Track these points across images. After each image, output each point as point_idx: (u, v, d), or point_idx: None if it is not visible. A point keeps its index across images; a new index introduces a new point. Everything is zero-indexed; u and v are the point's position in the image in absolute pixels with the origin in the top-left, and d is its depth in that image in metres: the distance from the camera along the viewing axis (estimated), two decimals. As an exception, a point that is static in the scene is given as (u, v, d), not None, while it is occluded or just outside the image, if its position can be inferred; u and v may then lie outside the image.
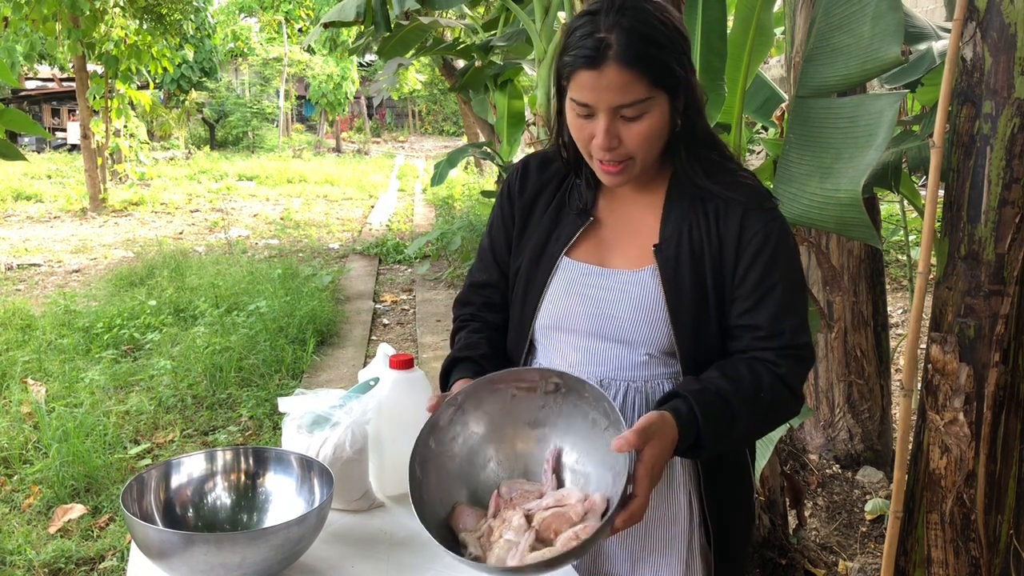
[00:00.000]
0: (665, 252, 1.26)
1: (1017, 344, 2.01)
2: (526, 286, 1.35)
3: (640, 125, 1.18)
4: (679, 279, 1.25)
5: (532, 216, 1.38)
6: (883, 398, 3.57)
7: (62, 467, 3.50)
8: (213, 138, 23.37)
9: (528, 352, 1.38)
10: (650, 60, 1.14)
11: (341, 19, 4.00)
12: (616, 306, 1.27)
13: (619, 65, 1.14)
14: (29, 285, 7.43)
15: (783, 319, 1.24)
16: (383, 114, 32.31)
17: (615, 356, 1.29)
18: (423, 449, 1.18)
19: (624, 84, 1.15)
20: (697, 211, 1.26)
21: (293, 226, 10.75)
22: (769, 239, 1.23)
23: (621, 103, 1.16)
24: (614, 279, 1.28)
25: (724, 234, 1.25)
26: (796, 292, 1.27)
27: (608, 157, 1.21)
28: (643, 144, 1.20)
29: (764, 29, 2.12)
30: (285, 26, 23.07)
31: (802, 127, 1.92)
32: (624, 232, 1.31)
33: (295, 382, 4.82)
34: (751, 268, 1.24)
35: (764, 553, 2.57)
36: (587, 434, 1.18)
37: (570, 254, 1.32)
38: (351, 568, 1.30)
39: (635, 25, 1.14)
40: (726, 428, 1.18)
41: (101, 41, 11.05)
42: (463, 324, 1.46)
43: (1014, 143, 1.92)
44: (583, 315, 1.29)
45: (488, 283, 1.45)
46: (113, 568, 2.91)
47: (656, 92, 1.17)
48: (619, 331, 1.27)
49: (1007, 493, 2.09)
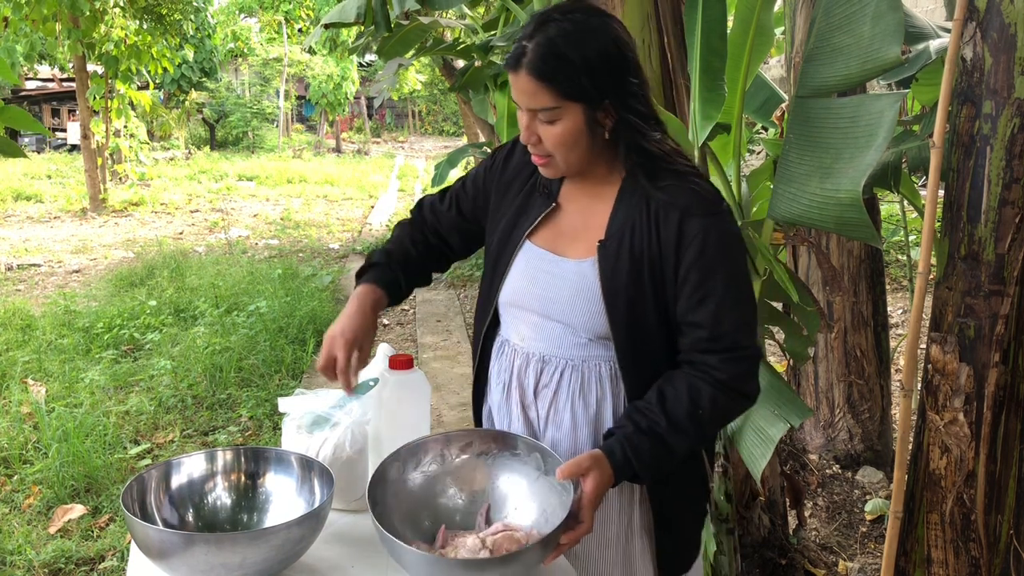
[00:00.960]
0: (607, 248, 1.35)
1: (1017, 344, 2.01)
2: (495, 262, 1.48)
3: (555, 128, 1.30)
4: (617, 274, 1.34)
5: (507, 195, 1.50)
6: (883, 398, 3.57)
7: (62, 467, 3.50)
8: (213, 138, 23.36)
9: (492, 322, 1.51)
10: (556, 75, 1.25)
11: (342, 20, 3.99)
12: (560, 291, 1.39)
13: (528, 74, 1.26)
14: (29, 285, 7.43)
15: (724, 321, 1.31)
16: (383, 114, 32.30)
17: (558, 335, 1.41)
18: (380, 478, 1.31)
19: (533, 91, 1.27)
20: (642, 213, 1.34)
21: (293, 226, 10.75)
22: (707, 244, 1.30)
23: (532, 107, 1.29)
24: (561, 266, 1.40)
25: (664, 237, 1.32)
26: (737, 294, 1.33)
27: (532, 150, 1.35)
28: (558, 146, 1.31)
29: (764, 29, 2.11)
30: (285, 26, 23.07)
31: (802, 127, 1.91)
32: (579, 224, 1.42)
33: (295, 382, 4.82)
34: (691, 271, 1.31)
35: (764, 553, 2.57)
36: (521, 486, 1.34)
37: (531, 237, 1.44)
38: (351, 568, 1.31)
39: (551, 41, 1.25)
40: (664, 461, 1.31)
41: (101, 41, 11.05)
42: (411, 226, 1.63)
43: (1014, 143, 1.92)
44: (533, 296, 1.42)
45: (444, 212, 1.60)
46: (113, 568, 2.91)
47: (566, 103, 1.27)
48: (562, 314, 1.39)
49: (1007, 493, 2.09)
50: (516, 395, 1.45)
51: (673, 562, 1.48)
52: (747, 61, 2.09)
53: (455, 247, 1.63)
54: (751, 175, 2.92)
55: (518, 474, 1.36)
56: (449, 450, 1.39)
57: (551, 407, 1.42)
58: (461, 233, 1.61)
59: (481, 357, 1.54)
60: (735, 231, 1.35)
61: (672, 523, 1.45)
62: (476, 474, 1.38)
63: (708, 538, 2.21)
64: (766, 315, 2.28)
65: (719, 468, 2.16)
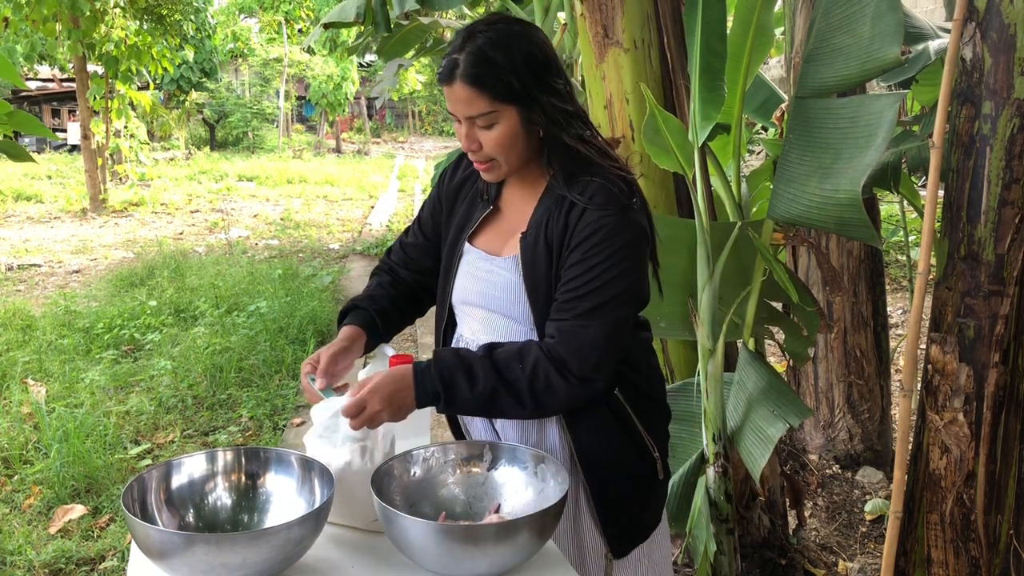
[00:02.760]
0: (527, 241, 1.45)
1: (1017, 344, 2.01)
2: (446, 266, 1.59)
3: (492, 132, 1.39)
4: (535, 265, 1.43)
5: (456, 204, 1.61)
6: (883, 398, 3.57)
7: (62, 467, 3.50)
8: (213, 138, 23.37)
9: (450, 323, 1.62)
10: (489, 79, 1.34)
11: (341, 20, 4.00)
12: (495, 287, 1.50)
13: (463, 82, 1.35)
14: (29, 285, 7.43)
15: (580, 298, 1.37)
16: (383, 114, 32.30)
17: (502, 327, 1.51)
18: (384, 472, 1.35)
19: (468, 98, 1.36)
20: (559, 208, 1.43)
21: (293, 226, 10.75)
22: (597, 232, 1.37)
23: (470, 114, 1.38)
24: (494, 263, 1.50)
25: (568, 227, 1.41)
26: (607, 281, 1.37)
27: (473, 157, 1.44)
28: (498, 148, 1.40)
29: (764, 29, 2.12)
30: (285, 26, 23.07)
31: (802, 127, 1.92)
32: (512, 222, 1.52)
33: (295, 382, 4.82)
34: (572, 252, 1.39)
35: (764, 553, 2.57)
36: (520, 482, 1.40)
37: (472, 240, 1.55)
38: (351, 568, 1.31)
39: (479, 49, 1.35)
40: (462, 387, 1.36)
41: (101, 42, 11.05)
42: (380, 271, 1.72)
43: (1014, 143, 1.92)
44: (476, 293, 1.53)
45: (411, 244, 1.69)
46: (113, 568, 2.91)
47: (501, 106, 1.36)
48: (501, 308, 1.50)
49: (1007, 493, 2.09)
50: None
51: (622, 535, 1.52)
52: (747, 61, 2.09)
53: (433, 272, 1.67)
54: (751, 175, 2.92)
55: (521, 483, 1.40)
56: (448, 456, 1.44)
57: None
58: (434, 256, 1.66)
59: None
60: (632, 228, 1.39)
61: (610, 497, 1.50)
62: (476, 474, 1.42)
63: (708, 538, 2.21)
64: (766, 315, 2.28)
65: (718, 468, 2.16)
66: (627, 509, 1.52)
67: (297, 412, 4.37)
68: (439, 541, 1.19)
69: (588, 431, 1.47)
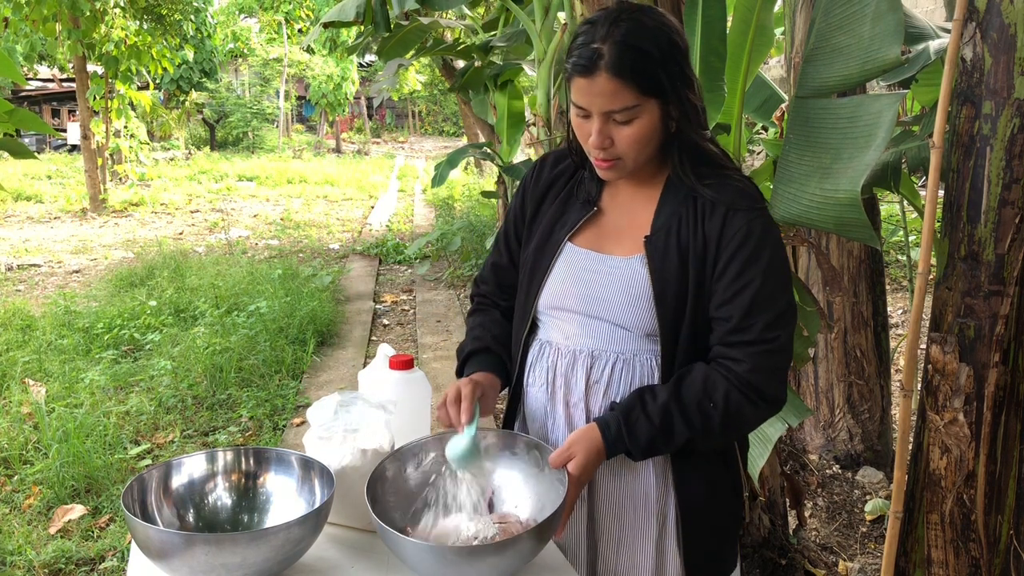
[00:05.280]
0: (654, 243, 1.35)
1: (1017, 344, 2.01)
2: (532, 267, 1.47)
3: (630, 129, 1.28)
4: (665, 269, 1.34)
5: (543, 206, 1.49)
6: (883, 398, 3.57)
7: (62, 467, 3.50)
8: (213, 138, 23.37)
9: (530, 329, 1.49)
10: (638, 71, 1.24)
11: (341, 19, 4.00)
12: (606, 289, 1.38)
13: (609, 74, 1.24)
14: (29, 285, 7.43)
15: (755, 314, 1.30)
16: (383, 115, 32.31)
17: (605, 332, 1.40)
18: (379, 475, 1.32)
19: (613, 91, 1.25)
20: (687, 208, 1.35)
21: (293, 226, 10.75)
22: (749, 237, 1.30)
23: (611, 108, 1.26)
24: (607, 264, 1.39)
25: (708, 231, 1.33)
26: (774, 289, 1.32)
27: (601, 155, 1.32)
28: (632, 146, 1.30)
29: (764, 29, 2.12)
30: (285, 26, 23.07)
31: (802, 127, 1.92)
32: (622, 223, 1.41)
33: (295, 382, 4.82)
34: (730, 264, 1.31)
35: (764, 553, 2.57)
36: (519, 481, 1.37)
37: (573, 240, 1.43)
38: (351, 568, 1.31)
39: (626, 38, 1.24)
40: (659, 444, 1.31)
41: (101, 42, 11.06)
42: (478, 307, 1.61)
43: (1014, 143, 1.92)
44: (577, 296, 1.41)
45: (501, 265, 1.58)
46: (113, 568, 2.91)
47: (645, 100, 1.26)
48: (608, 312, 1.38)
49: (1007, 493, 2.09)
50: (561, 394, 1.43)
51: (703, 567, 1.45)
52: (747, 61, 2.10)
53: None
54: (751, 175, 2.92)
55: (516, 470, 1.37)
56: (440, 448, 1.38)
57: (604, 402, 1.40)
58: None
59: (519, 367, 1.51)
60: (775, 228, 1.34)
61: (702, 530, 1.43)
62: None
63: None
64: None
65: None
66: (713, 544, 1.45)
67: (297, 412, 4.38)
68: (437, 559, 1.18)
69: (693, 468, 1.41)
